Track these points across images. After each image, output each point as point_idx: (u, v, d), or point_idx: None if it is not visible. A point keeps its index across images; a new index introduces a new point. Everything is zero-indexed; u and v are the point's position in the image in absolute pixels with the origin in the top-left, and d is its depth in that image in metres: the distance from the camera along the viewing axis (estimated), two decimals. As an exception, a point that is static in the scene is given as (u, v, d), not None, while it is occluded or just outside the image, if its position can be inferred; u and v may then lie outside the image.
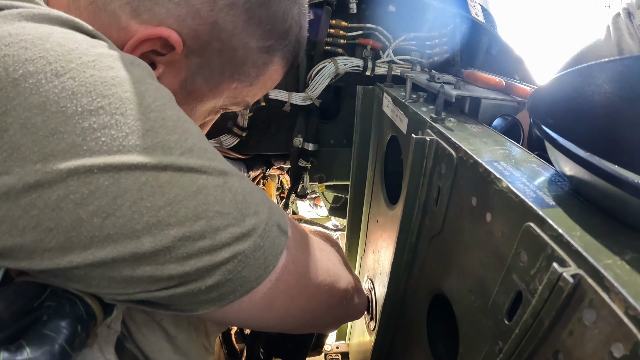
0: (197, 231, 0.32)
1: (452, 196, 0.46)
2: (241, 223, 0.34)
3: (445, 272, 0.48)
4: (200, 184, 0.32)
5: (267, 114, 0.96)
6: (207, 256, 0.32)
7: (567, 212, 0.31)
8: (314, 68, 0.88)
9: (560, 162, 0.34)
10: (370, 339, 0.85)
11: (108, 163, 0.28)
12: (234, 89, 0.49)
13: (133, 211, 0.29)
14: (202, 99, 0.48)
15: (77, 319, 0.30)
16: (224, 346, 0.99)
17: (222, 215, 0.33)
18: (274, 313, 0.41)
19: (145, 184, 0.30)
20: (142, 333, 0.45)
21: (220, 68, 0.45)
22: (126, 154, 0.29)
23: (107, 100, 0.29)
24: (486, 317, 0.37)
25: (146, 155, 0.30)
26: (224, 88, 0.48)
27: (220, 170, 0.34)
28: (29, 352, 0.27)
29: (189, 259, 0.32)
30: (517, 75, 0.86)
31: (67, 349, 0.28)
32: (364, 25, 0.89)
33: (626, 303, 0.22)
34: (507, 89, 0.64)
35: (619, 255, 0.26)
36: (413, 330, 0.61)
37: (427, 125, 0.54)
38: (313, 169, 1.02)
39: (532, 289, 0.30)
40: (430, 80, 0.68)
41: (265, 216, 0.37)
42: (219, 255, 0.33)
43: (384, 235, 0.78)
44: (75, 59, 0.29)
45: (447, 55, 0.93)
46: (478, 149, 0.43)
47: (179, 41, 0.40)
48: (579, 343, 0.26)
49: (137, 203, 0.29)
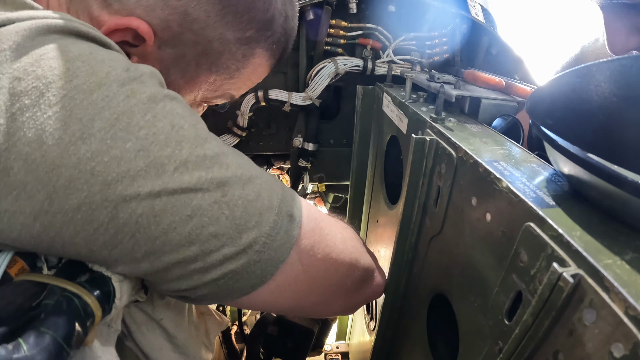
0: (189, 256, 0.33)
1: (452, 196, 0.46)
2: (237, 241, 0.34)
3: (445, 272, 0.48)
4: (194, 205, 0.32)
5: (267, 114, 0.96)
6: (198, 275, 0.34)
7: (567, 212, 0.31)
8: (313, 68, 0.88)
9: (559, 163, 0.34)
10: (370, 339, 0.85)
11: (105, 198, 0.29)
12: (212, 82, 0.47)
13: (133, 243, 0.31)
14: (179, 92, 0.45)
15: (74, 317, 0.30)
16: (224, 346, 0.99)
17: (216, 237, 0.33)
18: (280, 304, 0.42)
19: (141, 216, 0.31)
20: (142, 332, 0.45)
21: (195, 60, 0.44)
22: (120, 182, 0.29)
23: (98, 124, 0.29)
24: (486, 317, 0.37)
25: (140, 180, 0.30)
26: (201, 81, 0.46)
27: (219, 182, 0.33)
28: (26, 349, 0.27)
29: (181, 278, 0.34)
30: (517, 75, 0.86)
31: (65, 346, 0.28)
32: (364, 25, 0.89)
33: (626, 303, 0.22)
34: (507, 89, 0.64)
35: (619, 255, 0.26)
36: (413, 330, 0.61)
37: (427, 125, 0.54)
38: (313, 169, 1.02)
39: (532, 289, 0.30)
40: (430, 80, 0.68)
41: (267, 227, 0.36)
42: (208, 276, 0.34)
43: (384, 235, 0.78)
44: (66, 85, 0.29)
45: (447, 55, 0.93)
46: (478, 149, 0.43)
47: (149, 32, 0.39)
48: (579, 343, 0.26)
49: (135, 236, 0.31)
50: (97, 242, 0.30)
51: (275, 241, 0.36)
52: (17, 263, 0.32)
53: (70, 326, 0.29)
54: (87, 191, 0.29)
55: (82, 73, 0.30)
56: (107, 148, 0.29)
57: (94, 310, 0.32)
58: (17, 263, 0.32)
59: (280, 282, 0.38)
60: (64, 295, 0.31)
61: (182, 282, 0.35)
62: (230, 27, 0.43)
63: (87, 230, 0.30)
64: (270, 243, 0.36)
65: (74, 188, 0.28)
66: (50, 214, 0.28)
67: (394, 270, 0.62)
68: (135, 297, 0.40)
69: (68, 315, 0.30)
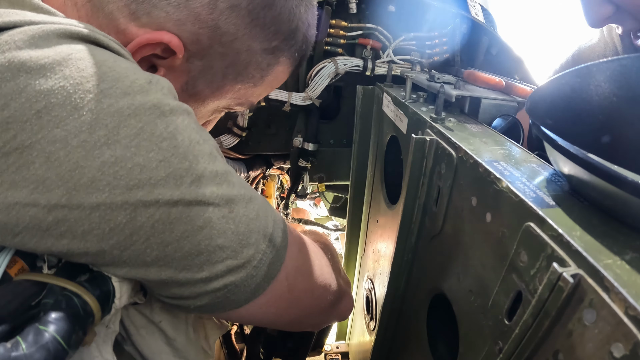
0: (197, 264, 0.35)
1: (452, 196, 0.46)
2: (239, 255, 0.36)
3: (445, 272, 0.48)
4: (206, 217, 0.34)
5: (267, 114, 0.96)
6: (201, 284, 0.36)
7: (567, 212, 0.31)
8: (313, 68, 0.88)
9: (559, 163, 0.34)
10: (370, 339, 0.85)
11: (125, 200, 0.30)
12: (237, 90, 0.48)
13: (146, 246, 0.32)
14: (204, 101, 0.47)
15: (73, 316, 0.30)
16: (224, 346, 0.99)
17: (222, 249, 0.35)
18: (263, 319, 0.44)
19: (157, 221, 0.32)
20: (141, 335, 0.45)
21: (222, 71, 0.45)
22: (142, 188, 0.31)
23: (123, 132, 0.30)
24: (486, 317, 0.37)
25: (160, 188, 0.31)
26: (227, 90, 0.47)
27: (227, 199, 0.35)
28: (24, 348, 0.27)
29: (185, 285, 0.36)
30: (517, 75, 0.86)
31: (63, 345, 0.28)
32: (364, 25, 0.89)
33: (626, 303, 0.22)
34: (507, 89, 0.64)
35: (619, 255, 0.26)
36: (413, 330, 0.61)
37: (427, 125, 0.54)
38: (313, 169, 1.02)
39: (532, 289, 0.30)
40: (430, 80, 0.68)
41: (264, 245, 0.38)
42: (211, 285, 0.36)
43: (384, 235, 0.78)
44: (93, 88, 0.30)
45: (447, 55, 0.93)
46: (478, 149, 0.43)
47: (180, 46, 0.40)
48: (579, 343, 0.26)
49: (149, 240, 0.32)
50: (111, 240, 0.31)
51: (269, 259, 0.39)
52: (17, 263, 0.32)
53: (69, 325, 0.29)
54: (109, 192, 0.30)
55: (109, 79, 0.30)
56: (131, 155, 0.30)
57: (94, 309, 0.32)
58: (17, 263, 0.32)
59: (269, 298, 0.40)
60: (63, 295, 0.31)
61: (186, 289, 0.36)
62: (258, 38, 0.44)
63: (102, 229, 0.30)
64: (266, 260, 0.38)
65: (96, 188, 0.29)
66: (67, 209, 0.29)
67: (394, 270, 0.62)
68: (134, 299, 0.40)
69: (67, 314, 0.30)
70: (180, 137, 0.33)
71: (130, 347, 0.45)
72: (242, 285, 0.37)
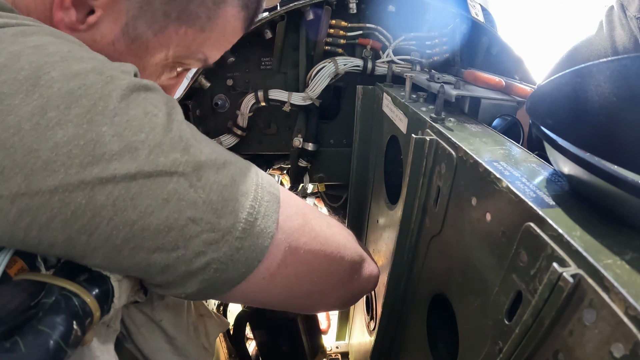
0: (169, 242, 0.33)
1: (451, 196, 0.46)
2: (215, 227, 0.34)
3: (445, 272, 0.48)
4: (170, 188, 0.32)
5: (267, 114, 0.96)
6: (181, 264, 0.34)
7: (567, 212, 0.31)
8: (313, 68, 0.88)
9: (559, 163, 0.34)
10: (370, 339, 0.85)
11: (81, 179, 0.30)
12: (183, 34, 0.45)
13: (111, 228, 0.31)
14: (149, 48, 0.44)
15: (72, 315, 0.30)
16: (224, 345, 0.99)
17: (195, 222, 0.33)
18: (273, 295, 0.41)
19: (118, 198, 0.31)
20: (142, 333, 0.45)
21: (162, 8, 0.42)
22: (97, 165, 0.30)
23: (75, 111, 0.30)
24: (486, 317, 0.37)
25: (115, 163, 0.30)
26: (171, 32, 0.44)
27: (194, 165, 0.34)
28: (23, 347, 0.27)
29: (167, 269, 0.34)
30: (517, 75, 0.86)
31: (62, 344, 0.28)
32: (364, 25, 0.89)
33: (626, 303, 0.22)
34: (507, 89, 0.64)
35: (619, 255, 0.26)
36: (413, 330, 0.61)
37: (427, 125, 0.54)
38: (313, 169, 1.02)
39: (532, 289, 0.30)
40: (430, 80, 0.68)
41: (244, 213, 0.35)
42: (193, 265, 0.34)
43: (384, 235, 0.78)
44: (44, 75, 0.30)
45: (447, 55, 0.93)
46: (478, 149, 0.43)
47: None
48: (579, 343, 0.26)
49: (113, 219, 0.31)
50: (75, 225, 0.30)
51: (255, 227, 0.36)
52: (16, 263, 0.32)
53: (68, 325, 0.29)
54: (64, 173, 0.29)
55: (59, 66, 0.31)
56: (84, 132, 0.30)
57: (93, 309, 0.32)
58: (16, 263, 0.32)
59: (270, 267, 0.38)
60: (62, 294, 0.31)
61: (169, 274, 0.34)
62: None
63: (64, 213, 0.30)
64: (250, 229, 0.36)
65: (51, 170, 0.29)
66: (27, 196, 0.29)
67: (394, 270, 0.62)
68: (135, 298, 0.40)
69: (66, 314, 0.30)
70: (133, 112, 0.32)
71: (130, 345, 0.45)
72: (229, 261, 0.35)
